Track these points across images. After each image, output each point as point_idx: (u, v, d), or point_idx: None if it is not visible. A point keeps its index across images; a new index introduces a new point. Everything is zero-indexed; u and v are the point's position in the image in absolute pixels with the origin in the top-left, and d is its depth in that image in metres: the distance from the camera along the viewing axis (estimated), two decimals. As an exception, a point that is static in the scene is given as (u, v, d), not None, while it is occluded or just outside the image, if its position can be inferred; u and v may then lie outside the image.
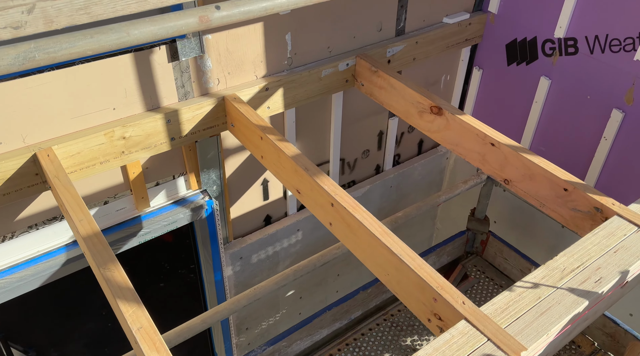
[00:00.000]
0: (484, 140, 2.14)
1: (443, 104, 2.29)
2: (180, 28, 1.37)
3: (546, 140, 3.08)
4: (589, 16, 2.60)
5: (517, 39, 3.00)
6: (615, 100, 2.64)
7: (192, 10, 1.38)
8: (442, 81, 3.31)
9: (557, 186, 1.92)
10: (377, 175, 3.39)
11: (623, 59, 2.53)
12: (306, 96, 2.55)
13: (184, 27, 1.38)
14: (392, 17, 2.74)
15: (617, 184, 2.79)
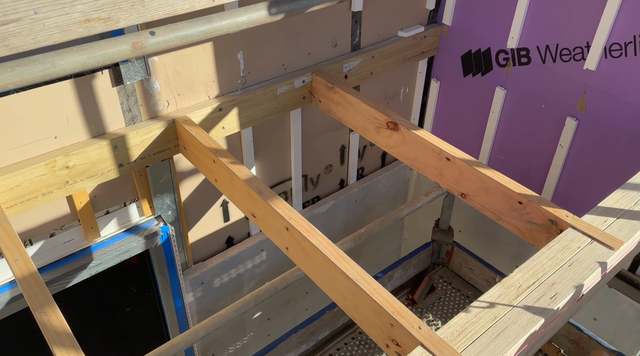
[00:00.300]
0: (440, 155, 2.14)
1: (399, 120, 2.28)
2: (112, 56, 1.30)
3: (505, 149, 3.11)
4: (539, 27, 2.64)
5: (472, 51, 3.03)
6: (568, 108, 2.69)
7: (124, 38, 1.32)
8: (401, 93, 3.32)
9: (512, 199, 1.92)
10: (342, 189, 3.36)
11: (574, 67, 2.58)
12: (262, 115, 2.50)
13: (116, 55, 1.31)
14: (347, 32, 2.73)
15: (575, 190, 2.84)
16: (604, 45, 2.40)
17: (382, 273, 2.97)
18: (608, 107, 2.51)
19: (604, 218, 1.81)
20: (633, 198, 1.90)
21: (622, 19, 2.31)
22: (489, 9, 2.82)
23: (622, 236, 1.73)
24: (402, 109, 3.40)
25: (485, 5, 2.83)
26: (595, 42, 2.42)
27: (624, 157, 2.54)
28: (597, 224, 1.78)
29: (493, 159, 3.20)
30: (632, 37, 2.31)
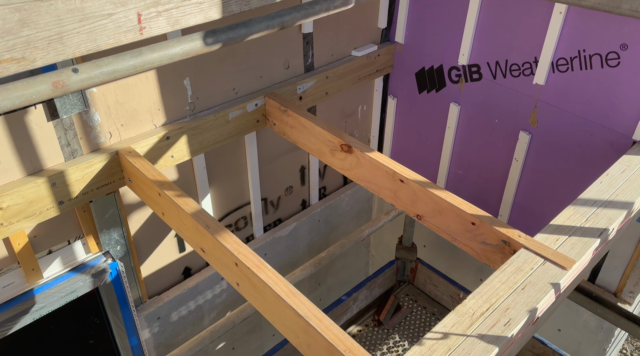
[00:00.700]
0: (394, 177, 2.11)
1: (352, 142, 2.25)
2: (30, 97, 1.22)
3: (463, 163, 3.13)
4: (487, 44, 2.68)
5: (425, 68, 3.04)
6: (521, 122, 2.72)
7: (43, 77, 1.23)
8: (359, 111, 3.31)
9: (465, 220, 1.91)
10: (304, 210, 3.30)
11: (523, 83, 2.61)
12: (214, 141, 2.43)
13: (34, 96, 1.22)
14: (299, 54, 2.70)
15: (533, 202, 2.86)
16: (551, 60, 2.44)
17: (346, 296, 2.91)
18: (559, 121, 2.55)
19: (556, 236, 1.81)
20: (584, 214, 1.91)
21: (566, 35, 2.35)
22: (440, 27, 2.85)
23: (574, 255, 1.73)
24: (361, 126, 3.38)
25: (436, 23, 2.85)
26: (542, 57, 2.46)
27: (578, 169, 2.58)
28: (550, 243, 1.78)
29: (452, 173, 3.22)
30: (577, 52, 2.36)
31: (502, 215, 3.01)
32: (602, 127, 2.40)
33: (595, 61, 2.31)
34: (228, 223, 2.87)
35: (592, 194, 2.01)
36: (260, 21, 1.62)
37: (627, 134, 2.33)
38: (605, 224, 1.86)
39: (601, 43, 2.26)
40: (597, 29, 2.24)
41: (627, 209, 1.94)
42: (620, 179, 2.09)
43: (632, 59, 2.19)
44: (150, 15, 1.34)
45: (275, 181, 3.02)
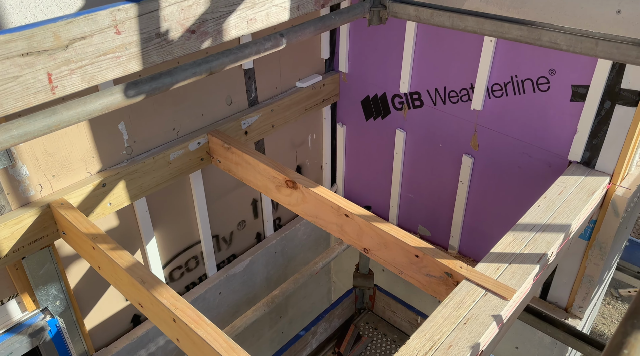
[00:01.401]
0: (339, 212, 2.10)
1: (297, 178, 2.23)
2: None
3: (413, 187, 3.16)
4: (426, 72, 2.74)
5: (370, 96, 3.08)
6: (463, 146, 2.78)
7: (-58, 145, 1.16)
8: (309, 140, 3.31)
9: (409, 253, 1.91)
10: (259, 243, 3.25)
11: (462, 108, 2.68)
12: (155, 183, 2.37)
13: None
14: (242, 89, 2.68)
15: (481, 223, 2.91)
16: (486, 86, 2.52)
17: (305, 330, 2.86)
18: (498, 144, 2.62)
19: (497, 264, 1.84)
20: (523, 240, 1.94)
21: (498, 62, 2.43)
22: (380, 57, 2.89)
23: (515, 283, 1.75)
24: (312, 155, 3.38)
25: (376, 53, 2.90)
26: (477, 84, 2.53)
27: (520, 189, 2.64)
28: (491, 272, 1.80)
29: (404, 197, 3.25)
30: (510, 77, 2.44)
31: (454, 236, 3.05)
32: (540, 148, 2.48)
33: (527, 85, 2.39)
34: (178, 264, 2.78)
35: (530, 218, 2.06)
36: (186, 69, 1.59)
37: (562, 155, 2.41)
38: (544, 249, 1.90)
39: (531, 69, 2.34)
40: (527, 55, 2.33)
41: (564, 231, 1.99)
42: (558, 200, 2.15)
43: (560, 83, 2.28)
44: (62, 74, 1.29)
45: (226, 216, 2.96)
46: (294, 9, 1.88)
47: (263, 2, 1.73)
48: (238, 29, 1.70)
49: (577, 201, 2.14)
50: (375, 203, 3.44)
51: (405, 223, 3.33)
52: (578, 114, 2.28)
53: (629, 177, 2.37)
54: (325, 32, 2.99)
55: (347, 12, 2.12)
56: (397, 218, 3.34)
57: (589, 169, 2.34)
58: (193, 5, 1.52)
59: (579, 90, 2.24)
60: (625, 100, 2.13)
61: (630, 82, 2.09)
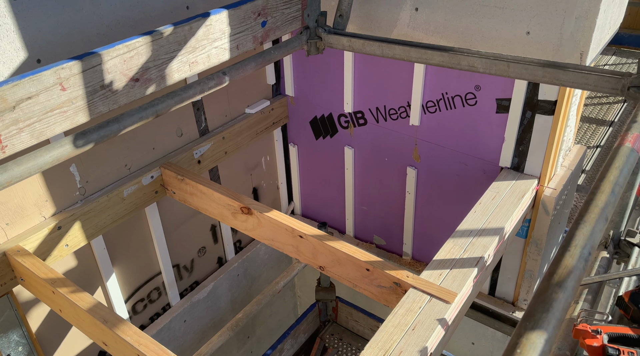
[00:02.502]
0: (293, 233, 2.21)
1: (252, 204, 2.33)
2: None
3: (365, 200, 3.32)
4: (366, 93, 2.91)
5: (317, 116, 3.23)
6: (407, 159, 2.96)
7: None
8: (263, 162, 3.41)
9: (361, 267, 2.05)
10: (221, 268, 3.31)
11: (402, 124, 2.86)
12: (111, 220, 2.40)
13: None
14: (191, 121, 2.76)
15: (429, 230, 3.10)
16: (421, 103, 2.71)
17: (271, 349, 2.94)
18: (437, 155, 2.82)
19: (440, 271, 2.00)
20: (462, 245, 2.12)
21: (429, 81, 2.63)
22: (323, 80, 3.05)
23: (456, 287, 1.92)
24: (267, 176, 3.48)
25: (319, 77, 3.05)
26: (413, 102, 2.72)
27: (461, 196, 2.85)
28: (434, 279, 1.96)
29: (358, 210, 3.40)
30: (441, 94, 2.64)
31: (406, 243, 3.22)
32: (474, 157, 2.69)
33: (457, 101, 2.60)
34: (140, 297, 2.81)
35: (468, 224, 2.24)
36: (133, 114, 1.67)
37: (494, 162, 2.63)
38: (481, 253, 2.08)
39: (459, 86, 2.55)
40: (454, 74, 2.54)
41: (498, 234, 2.19)
42: (492, 206, 2.35)
43: (486, 97, 2.50)
44: (11, 134, 1.35)
45: (185, 245, 3.01)
46: (234, 48, 1.99)
47: (203, 45, 1.83)
48: (181, 72, 1.80)
49: (509, 204, 2.35)
50: (332, 217, 3.58)
51: (362, 234, 3.48)
52: (504, 124, 2.50)
53: (556, 177, 2.62)
54: (269, 59, 3.11)
55: (286, 46, 2.25)
56: (353, 230, 3.49)
57: (518, 173, 2.56)
58: (135, 56, 1.61)
59: (503, 103, 2.46)
60: (544, 110, 2.37)
61: (546, 94, 2.33)
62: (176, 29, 1.72)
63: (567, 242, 1.04)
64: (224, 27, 1.89)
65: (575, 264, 0.98)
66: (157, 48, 1.68)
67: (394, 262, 3.28)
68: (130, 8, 2.11)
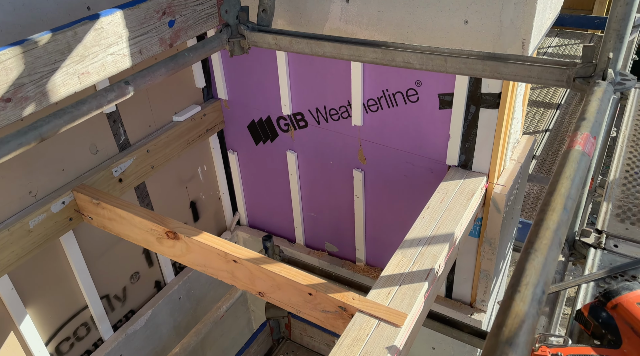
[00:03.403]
0: (226, 258, 1.98)
1: (178, 228, 2.07)
2: None
3: (314, 206, 3.12)
4: (304, 93, 2.69)
5: (255, 120, 2.98)
6: (352, 161, 2.77)
7: None
8: (199, 173, 3.14)
9: (302, 291, 1.84)
10: (160, 292, 3.02)
11: (344, 125, 2.66)
12: (17, 257, 2.09)
13: None
14: (108, 135, 2.45)
15: (381, 234, 2.93)
16: (362, 102, 2.52)
17: (219, 377, 2.70)
18: (383, 156, 2.64)
19: (388, 289, 1.82)
20: (411, 257, 1.95)
21: (369, 78, 2.44)
22: (258, 81, 2.81)
23: (406, 306, 1.74)
24: (206, 187, 3.21)
25: (253, 78, 2.81)
26: (353, 101, 2.53)
27: (410, 196, 2.69)
28: (382, 299, 1.78)
29: (306, 217, 3.19)
30: (382, 92, 2.45)
31: (359, 249, 3.05)
32: (420, 157, 2.52)
33: (399, 98, 2.42)
34: (65, 336, 2.50)
35: (416, 232, 2.07)
36: (9, 141, 1.38)
37: (441, 161, 2.47)
38: (431, 264, 1.92)
39: (400, 82, 2.37)
40: (393, 70, 2.35)
41: (449, 241, 2.03)
42: (440, 209, 2.20)
43: (427, 93, 2.33)
44: None
45: (114, 272, 2.71)
46: (136, 54, 1.72)
47: (95, 53, 1.55)
48: (68, 86, 1.52)
49: (458, 206, 2.20)
50: (281, 226, 3.36)
51: (313, 242, 3.28)
52: (448, 120, 2.34)
53: (505, 172, 2.49)
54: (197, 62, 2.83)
55: (203, 47, 2.00)
56: (303, 238, 3.28)
57: (466, 171, 2.42)
58: (1, 72, 1.32)
59: (445, 98, 2.30)
60: (488, 103, 2.22)
61: (489, 86, 2.18)
62: (56, 35, 1.43)
63: (517, 280, 0.86)
64: (120, 30, 1.61)
65: (528, 311, 0.80)
66: (32, 60, 1.39)
67: (348, 269, 3.10)
68: (14, 12, 1.80)
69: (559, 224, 0.96)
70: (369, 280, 3.00)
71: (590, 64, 1.48)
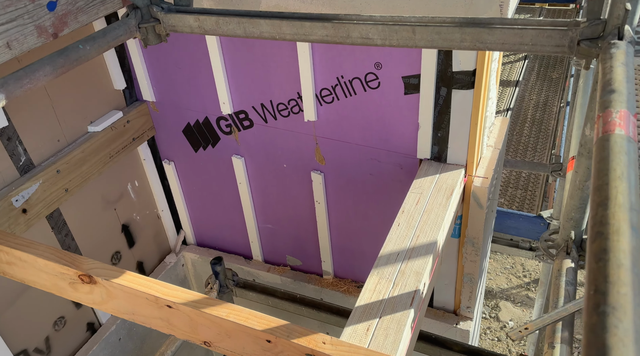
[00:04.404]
0: (158, 303, 1.55)
1: (93, 269, 1.62)
2: None
3: (270, 216, 2.72)
4: (246, 87, 2.28)
5: (191, 123, 2.54)
6: (309, 163, 2.39)
7: None
8: (130, 190, 2.66)
9: (259, 338, 1.45)
10: (95, 335, 2.54)
11: (296, 121, 2.28)
12: None
13: None
14: (2, 156, 1.95)
15: (350, 242, 2.57)
16: (314, 93, 2.14)
17: None
18: (344, 154, 2.27)
19: (366, 323, 1.46)
20: (389, 277, 1.60)
21: (319, 63, 2.06)
22: (189, 76, 2.36)
23: (390, 345, 1.39)
24: (141, 206, 2.74)
25: (183, 73, 2.36)
26: (304, 92, 2.14)
27: (379, 197, 2.34)
28: (360, 337, 1.42)
29: (262, 229, 2.79)
30: (336, 79, 2.08)
31: (325, 260, 2.68)
32: (386, 151, 2.17)
33: (357, 85, 2.05)
34: (-32, 413, 1.99)
35: (393, 244, 1.72)
36: None
37: (411, 154, 2.13)
38: (415, 283, 1.57)
39: (356, 66, 2.01)
40: (348, 51, 1.98)
41: (432, 252, 1.69)
42: (417, 213, 1.85)
43: (389, 76, 1.98)
44: None
45: (31, 322, 2.22)
46: (2, 48, 1.26)
47: None
48: None
49: (437, 207, 1.87)
50: (234, 242, 2.94)
51: (272, 257, 2.88)
52: (416, 107, 2.00)
53: (483, 161, 2.19)
54: (112, 58, 2.35)
55: (104, 36, 1.55)
56: (261, 253, 2.87)
57: (441, 164, 2.09)
58: None
59: (411, 81, 1.96)
60: (461, 83, 1.89)
61: (462, 63, 1.85)
62: None
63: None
64: (-33, 15, 1.15)
65: None
66: None
67: (314, 284, 2.73)
68: None
69: (634, 256, 0.61)
70: (340, 296, 2.65)
71: (598, 22, 1.16)
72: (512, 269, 5.92)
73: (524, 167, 3.34)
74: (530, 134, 4.32)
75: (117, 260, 2.66)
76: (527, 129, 4.33)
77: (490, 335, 5.32)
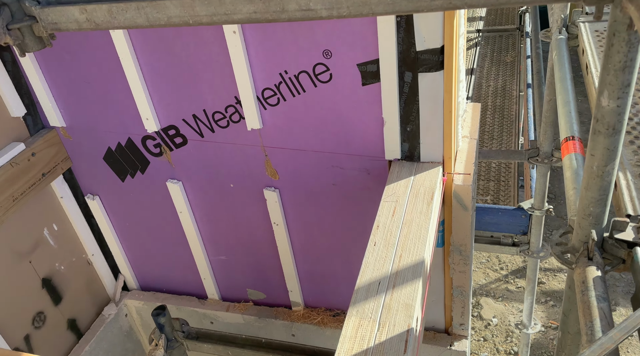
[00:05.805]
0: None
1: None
2: None
3: (221, 247, 2.32)
4: (172, 97, 1.89)
5: (112, 148, 2.12)
6: (259, 179, 2.02)
7: None
8: (47, 236, 2.20)
9: None
10: None
11: (238, 131, 1.90)
12: None
13: None
14: None
15: (319, 266, 2.21)
16: (255, 95, 1.77)
17: None
18: (299, 164, 1.92)
19: (351, 386, 1.10)
20: (372, 317, 1.24)
21: (255, 58, 1.70)
22: (100, 91, 1.95)
23: (386, 414, 1.03)
24: (64, 254, 2.28)
25: (95, 88, 1.95)
26: (243, 95, 1.77)
27: (346, 210, 1.99)
28: (346, 409, 1.05)
29: (215, 262, 2.38)
30: (279, 75, 1.73)
31: (292, 290, 2.30)
32: (349, 155, 1.84)
33: (304, 80, 1.71)
34: None
35: (371, 271, 1.37)
36: None
37: (379, 156, 1.80)
38: (406, 320, 1.22)
39: (301, 56, 1.66)
40: (288, 40, 1.64)
41: (420, 275, 1.35)
42: (395, 226, 1.51)
43: (342, 65, 1.64)
44: None
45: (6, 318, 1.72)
46: None
47: None
48: None
49: (419, 216, 1.54)
50: (184, 280, 2.51)
51: (230, 293, 2.48)
52: (378, 99, 1.67)
53: (461, 155, 1.89)
54: (4, 79, 1.91)
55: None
56: (217, 291, 2.46)
57: (415, 163, 1.77)
58: None
59: (368, 68, 1.63)
60: (428, 65, 1.58)
61: (426, 39, 1.54)
62: None
63: None
64: None
65: None
66: None
67: (283, 319, 2.35)
68: None
69: None
70: (314, 330, 2.28)
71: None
72: (488, 263, 5.72)
73: (498, 156, 3.10)
74: (494, 123, 4.13)
75: (41, 323, 2.17)
76: (489, 118, 4.15)
77: (475, 335, 5.07)
